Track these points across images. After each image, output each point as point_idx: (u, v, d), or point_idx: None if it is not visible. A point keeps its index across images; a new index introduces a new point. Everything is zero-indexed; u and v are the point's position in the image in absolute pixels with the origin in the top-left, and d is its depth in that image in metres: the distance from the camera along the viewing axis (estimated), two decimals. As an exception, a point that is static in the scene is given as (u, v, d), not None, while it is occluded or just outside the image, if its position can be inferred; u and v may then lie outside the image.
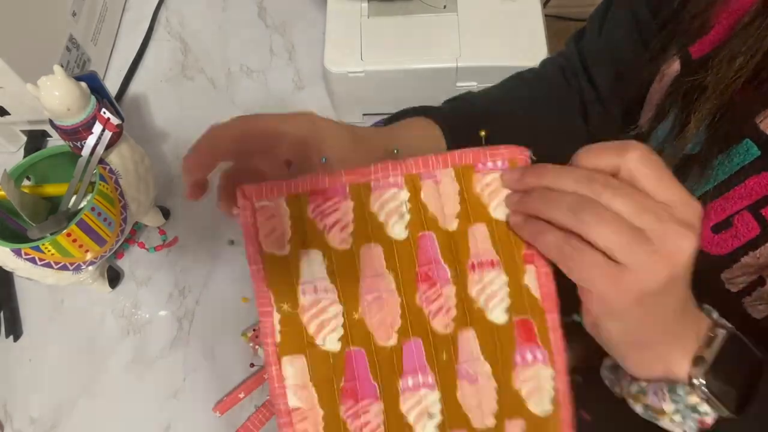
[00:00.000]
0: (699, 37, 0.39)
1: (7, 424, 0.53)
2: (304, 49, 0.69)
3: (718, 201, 0.38)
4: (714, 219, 0.38)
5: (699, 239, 0.28)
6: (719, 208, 0.38)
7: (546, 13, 0.59)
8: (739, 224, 0.37)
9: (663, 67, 0.41)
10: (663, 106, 0.41)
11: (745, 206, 0.36)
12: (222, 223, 0.60)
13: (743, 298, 0.38)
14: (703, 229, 0.38)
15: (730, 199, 0.37)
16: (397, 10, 0.59)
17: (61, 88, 0.43)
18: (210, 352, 0.54)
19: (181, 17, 0.73)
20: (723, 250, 0.38)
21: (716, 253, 0.39)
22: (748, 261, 0.37)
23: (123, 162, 0.49)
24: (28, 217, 0.46)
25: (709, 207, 0.38)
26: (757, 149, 0.35)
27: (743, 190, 0.36)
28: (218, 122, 0.37)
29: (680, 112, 0.39)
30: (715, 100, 0.37)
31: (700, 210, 0.29)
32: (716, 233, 0.38)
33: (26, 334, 0.57)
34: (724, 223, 0.38)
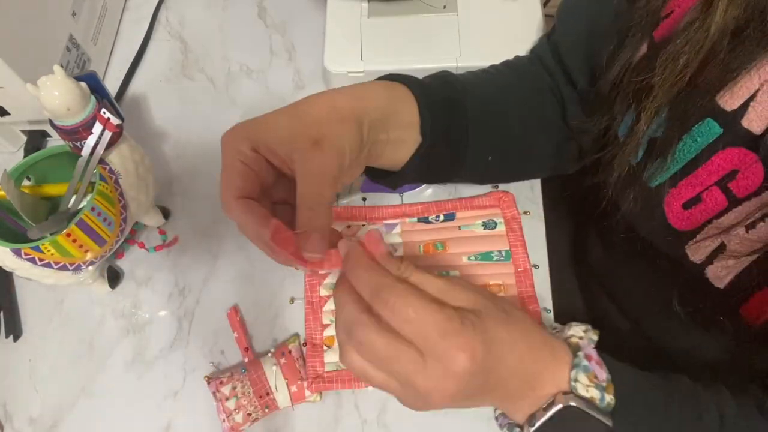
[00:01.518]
0: (661, 19, 0.39)
1: (7, 424, 0.53)
2: (304, 49, 0.69)
3: (687, 179, 0.39)
4: (685, 196, 0.39)
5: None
6: (689, 186, 0.39)
7: (546, 13, 0.59)
8: (708, 199, 0.38)
9: (635, 54, 0.41)
10: (623, 100, 0.42)
11: (714, 182, 0.37)
12: (222, 223, 0.60)
13: (705, 267, 0.39)
14: (674, 206, 0.39)
15: (699, 176, 0.38)
16: (397, 10, 0.59)
17: (61, 88, 0.42)
18: (210, 352, 0.54)
19: (181, 17, 0.73)
20: (692, 225, 0.39)
21: (684, 229, 0.40)
22: (709, 230, 0.38)
23: (123, 162, 0.49)
24: (28, 217, 0.46)
25: (680, 186, 0.39)
26: (718, 127, 0.36)
27: (711, 167, 0.37)
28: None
29: (634, 108, 0.40)
30: (662, 98, 0.37)
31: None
32: (686, 209, 0.39)
33: (26, 334, 0.57)
34: (695, 199, 0.39)
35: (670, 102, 0.38)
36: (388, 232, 0.56)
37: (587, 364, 0.37)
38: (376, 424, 0.51)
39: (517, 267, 0.53)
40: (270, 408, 0.49)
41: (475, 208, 0.56)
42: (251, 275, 0.57)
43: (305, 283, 0.54)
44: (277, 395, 0.49)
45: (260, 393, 0.49)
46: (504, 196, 0.56)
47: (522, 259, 0.53)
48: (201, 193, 0.62)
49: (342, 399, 0.52)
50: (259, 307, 0.56)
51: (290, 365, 0.50)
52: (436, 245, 0.55)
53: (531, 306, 0.51)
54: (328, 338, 0.52)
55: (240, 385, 0.49)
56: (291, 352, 0.51)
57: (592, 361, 0.37)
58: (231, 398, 0.49)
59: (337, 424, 0.51)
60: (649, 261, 0.45)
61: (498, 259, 0.54)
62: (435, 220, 0.56)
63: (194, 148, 0.64)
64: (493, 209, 0.56)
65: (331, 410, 0.51)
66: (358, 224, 0.56)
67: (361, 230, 0.56)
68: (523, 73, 0.52)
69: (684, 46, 0.35)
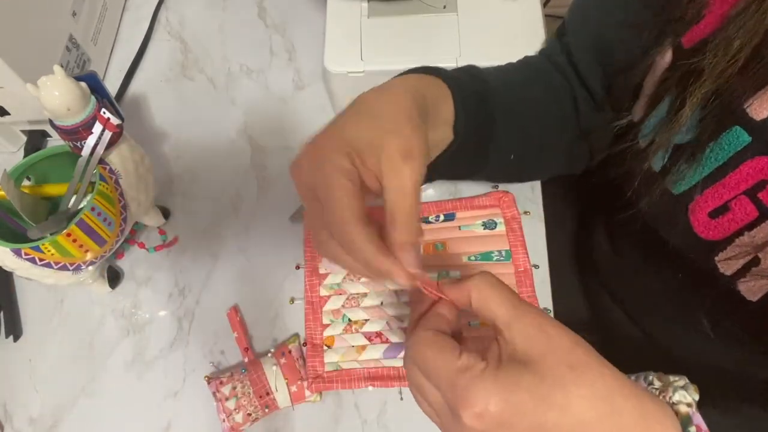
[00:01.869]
0: (691, 25, 0.39)
1: (7, 424, 0.53)
2: (304, 49, 0.69)
3: (714, 187, 0.38)
4: (711, 205, 0.38)
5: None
6: (716, 195, 0.38)
7: (546, 13, 0.59)
8: (737, 209, 0.37)
9: (658, 58, 0.41)
10: (657, 94, 0.41)
11: (742, 191, 0.36)
12: (222, 223, 0.60)
13: (738, 279, 0.38)
14: (700, 215, 0.38)
15: (726, 185, 0.37)
16: (397, 10, 0.59)
17: (61, 88, 0.42)
18: (210, 352, 0.54)
19: (181, 17, 0.73)
20: (720, 235, 0.38)
21: (711, 238, 0.39)
22: (744, 240, 0.37)
23: (123, 162, 0.49)
24: (28, 217, 0.46)
25: (705, 194, 0.38)
26: (747, 135, 0.36)
27: (739, 176, 0.36)
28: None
29: (675, 99, 0.39)
30: (710, 84, 0.36)
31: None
32: (713, 218, 0.38)
33: (26, 334, 0.57)
34: (722, 208, 0.38)
35: (710, 95, 0.37)
36: None
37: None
38: (376, 424, 0.51)
39: (517, 267, 0.53)
40: (270, 408, 0.49)
41: (475, 208, 0.56)
42: (251, 275, 0.57)
43: (305, 283, 0.54)
44: (277, 395, 0.49)
45: (260, 393, 0.49)
46: (504, 196, 0.56)
47: (522, 259, 0.53)
48: (201, 193, 0.62)
49: (342, 399, 0.52)
50: (259, 307, 0.56)
51: (290, 365, 0.50)
52: (435, 246, 0.55)
53: None
54: (328, 338, 0.52)
55: (240, 385, 0.49)
56: (291, 352, 0.51)
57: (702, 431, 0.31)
58: (231, 398, 0.49)
59: (337, 424, 0.51)
60: (669, 265, 0.44)
61: (498, 259, 0.54)
62: (435, 220, 0.56)
63: (194, 148, 0.64)
64: (493, 209, 0.56)
65: (331, 410, 0.51)
66: None
67: None
68: (539, 71, 0.52)
69: (737, 31, 0.34)
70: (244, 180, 0.62)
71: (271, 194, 0.61)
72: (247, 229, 0.60)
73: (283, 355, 0.51)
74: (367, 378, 0.50)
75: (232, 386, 0.50)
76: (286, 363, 0.50)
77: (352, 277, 0.54)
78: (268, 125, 0.65)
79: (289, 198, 0.61)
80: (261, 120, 0.65)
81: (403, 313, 0.53)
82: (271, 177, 0.62)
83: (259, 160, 0.63)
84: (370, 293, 0.53)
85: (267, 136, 0.64)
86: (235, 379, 0.50)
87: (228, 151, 0.64)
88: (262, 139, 0.64)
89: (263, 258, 0.58)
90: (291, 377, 0.50)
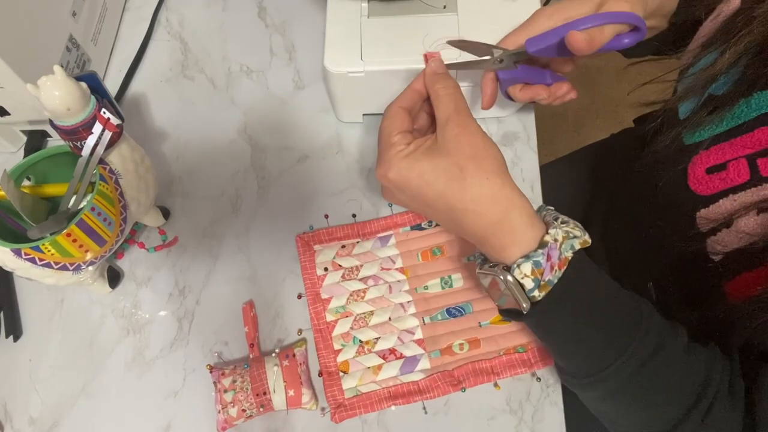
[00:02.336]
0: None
1: (7, 424, 0.53)
2: (304, 49, 0.69)
3: (721, 145, 0.38)
4: (713, 161, 0.39)
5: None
6: (721, 152, 0.38)
7: (546, 13, 0.59)
8: (732, 169, 0.38)
9: (723, 7, 0.41)
10: (713, 39, 0.41)
11: (745, 154, 0.37)
12: (222, 223, 0.60)
13: (707, 237, 0.39)
14: (698, 168, 0.39)
15: (734, 144, 0.38)
16: (397, 10, 0.59)
17: (61, 88, 0.42)
18: (210, 351, 0.54)
19: (181, 17, 0.73)
20: (708, 191, 0.39)
21: (701, 193, 0.40)
22: (725, 203, 0.38)
23: (123, 162, 0.49)
24: (28, 217, 0.46)
25: (711, 150, 0.39)
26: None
27: (750, 139, 0.37)
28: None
29: (722, 49, 0.39)
30: (759, 33, 0.36)
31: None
32: (709, 174, 0.39)
33: (26, 334, 0.57)
34: (720, 166, 0.38)
35: (754, 46, 0.37)
36: (383, 245, 0.56)
37: (541, 261, 0.38)
38: (376, 424, 0.51)
39: None
40: (265, 408, 0.49)
41: None
42: (251, 275, 0.57)
43: (310, 312, 0.54)
44: (274, 396, 0.49)
45: (258, 391, 0.49)
46: None
47: None
48: (201, 193, 0.62)
49: (342, 399, 0.52)
50: (259, 307, 0.56)
51: (292, 369, 0.50)
52: (433, 251, 0.55)
53: None
54: (342, 364, 0.52)
55: (240, 379, 0.50)
56: (295, 356, 0.51)
57: (549, 261, 0.38)
58: (230, 391, 0.49)
59: (337, 423, 0.51)
60: (651, 216, 0.45)
61: None
62: (428, 226, 0.56)
63: (194, 148, 0.64)
64: None
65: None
66: (351, 242, 0.56)
67: (356, 248, 0.56)
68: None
69: None
70: (244, 180, 0.62)
71: (271, 194, 0.61)
72: (247, 229, 0.60)
73: (287, 358, 0.51)
74: (388, 398, 0.50)
75: (232, 379, 0.50)
76: (289, 366, 0.50)
77: (355, 298, 0.54)
78: (268, 125, 0.65)
79: (289, 198, 0.61)
80: (261, 120, 0.65)
81: (413, 325, 0.53)
82: (271, 177, 0.62)
83: (259, 160, 0.63)
84: (377, 311, 0.53)
85: (267, 136, 0.64)
86: (236, 373, 0.50)
87: (228, 151, 0.64)
88: (262, 139, 0.64)
89: (263, 258, 0.58)
90: (290, 381, 0.50)
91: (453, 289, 0.54)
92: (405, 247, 0.56)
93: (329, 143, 0.63)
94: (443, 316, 0.53)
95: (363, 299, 0.54)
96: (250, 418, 0.50)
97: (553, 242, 0.38)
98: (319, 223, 0.58)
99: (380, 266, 0.55)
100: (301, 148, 0.63)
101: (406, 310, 0.53)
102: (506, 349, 0.51)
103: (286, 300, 0.56)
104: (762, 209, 0.36)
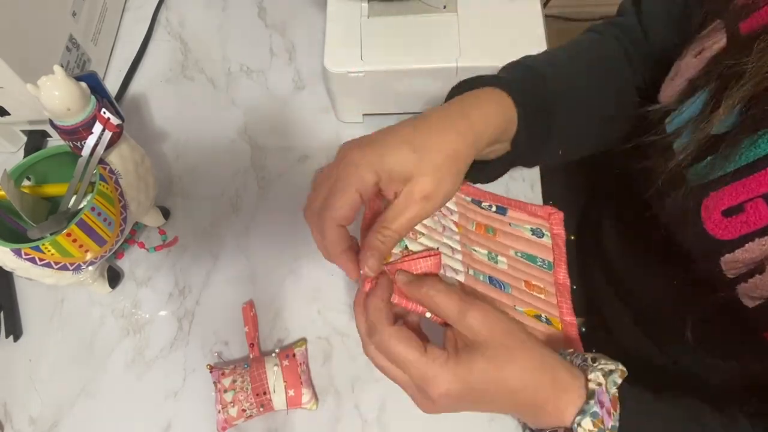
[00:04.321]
0: (750, 11, 0.37)
1: (7, 424, 0.53)
2: (304, 49, 0.69)
3: (734, 185, 0.37)
4: (727, 203, 0.37)
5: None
6: (734, 192, 0.37)
7: (546, 13, 0.59)
8: (751, 211, 0.36)
9: (706, 42, 0.40)
10: (696, 83, 0.40)
11: (761, 194, 0.36)
12: (222, 223, 0.60)
13: (738, 284, 0.38)
14: (714, 212, 0.38)
15: (747, 185, 0.36)
16: (397, 10, 0.59)
17: (61, 88, 0.42)
18: (210, 351, 0.54)
19: (181, 17, 0.73)
20: (730, 235, 0.38)
21: (722, 237, 0.38)
22: (752, 247, 0.36)
23: (123, 162, 0.49)
24: (28, 217, 0.46)
25: (722, 191, 0.38)
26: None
27: (763, 177, 0.36)
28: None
29: (712, 94, 0.38)
30: (750, 88, 0.35)
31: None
32: (726, 217, 0.38)
33: (26, 334, 0.57)
34: (737, 208, 0.37)
35: (753, 97, 0.36)
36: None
37: (597, 410, 0.37)
38: (376, 424, 0.51)
39: (557, 279, 0.52)
40: (265, 408, 0.49)
41: (526, 212, 0.55)
42: (251, 275, 0.57)
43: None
44: (274, 396, 0.49)
45: (258, 391, 0.49)
46: (554, 214, 0.55)
47: (563, 275, 0.52)
48: (201, 193, 0.62)
49: (342, 399, 0.52)
50: (259, 307, 0.56)
51: (292, 369, 0.50)
52: (488, 229, 0.53)
53: (569, 317, 0.50)
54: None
55: (240, 379, 0.50)
56: (295, 356, 0.51)
57: (603, 407, 0.37)
58: (230, 391, 0.49)
59: (338, 423, 0.51)
60: (672, 265, 0.43)
61: (541, 266, 0.53)
62: (488, 208, 0.55)
63: (194, 148, 0.64)
64: (542, 221, 0.55)
65: (331, 410, 0.51)
66: None
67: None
68: (600, 56, 0.51)
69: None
70: (244, 180, 0.62)
71: (271, 194, 0.61)
72: (247, 229, 0.60)
73: (287, 358, 0.51)
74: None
75: (232, 379, 0.50)
76: (289, 366, 0.50)
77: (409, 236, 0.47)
78: (268, 125, 0.65)
79: (289, 198, 0.61)
80: (261, 120, 0.65)
81: (458, 268, 0.48)
82: (271, 177, 0.62)
83: (259, 160, 0.63)
84: (427, 235, 0.48)
85: (267, 136, 0.64)
86: (236, 373, 0.50)
87: (228, 151, 0.64)
88: (262, 139, 0.64)
89: (263, 258, 0.58)
90: (290, 381, 0.50)
91: (497, 266, 0.52)
92: (463, 211, 0.53)
93: (329, 143, 0.63)
94: (485, 279, 0.51)
95: (416, 240, 0.48)
96: (250, 418, 0.50)
97: (598, 387, 0.38)
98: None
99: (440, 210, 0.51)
100: (301, 148, 0.63)
101: (453, 255, 0.49)
102: None
103: (286, 300, 0.56)
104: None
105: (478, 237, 0.53)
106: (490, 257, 0.52)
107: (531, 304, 0.51)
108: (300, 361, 0.51)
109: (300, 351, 0.52)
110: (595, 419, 0.37)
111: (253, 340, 0.53)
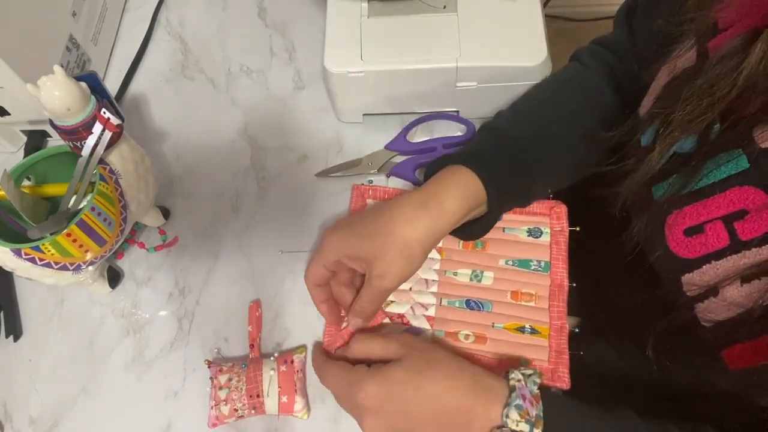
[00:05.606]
0: (716, 32, 0.37)
1: (7, 424, 0.53)
2: (304, 49, 0.69)
3: (695, 205, 0.37)
4: (688, 222, 0.38)
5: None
6: (695, 213, 0.37)
7: (546, 13, 0.59)
8: (710, 232, 0.36)
9: (675, 59, 0.40)
10: (651, 112, 0.41)
11: (720, 215, 0.36)
12: (222, 223, 0.60)
13: (696, 303, 0.38)
14: (676, 230, 0.38)
15: (708, 205, 0.37)
16: (397, 10, 0.59)
17: (61, 88, 0.42)
18: (210, 352, 0.54)
19: (181, 17, 0.73)
20: (690, 255, 0.38)
21: (683, 256, 0.38)
22: (708, 269, 0.37)
23: (123, 162, 0.49)
24: (28, 217, 0.46)
25: (685, 210, 0.38)
26: (747, 162, 0.35)
27: (722, 199, 0.36)
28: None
29: (657, 128, 0.39)
30: (679, 134, 0.37)
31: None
32: (688, 236, 0.38)
33: (26, 334, 0.57)
34: (697, 228, 0.37)
35: (676, 142, 0.37)
36: None
37: (520, 403, 0.40)
38: (376, 424, 0.51)
39: (553, 280, 0.52)
40: (257, 410, 0.49)
41: (524, 213, 0.55)
42: (251, 275, 0.57)
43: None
44: (267, 400, 0.49)
45: (252, 393, 0.49)
46: (556, 207, 0.54)
47: (560, 274, 0.52)
48: (201, 193, 0.62)
49: (342, 399, 0.52)
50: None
51: (288, 375, 0.50)
52: (476, 244, 0.54)
53: (560, 321, 0.50)
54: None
55: (236, 378, 0.49)
56: (294, 362, 0.51)
57: (526, 400, 0.40)
58: (224, 388, 0.49)
59: (337, 425, 0.51)
60: (644, 279, 0.44)
61: (536, 269, 0.52)
62: None
63: (194, 148, 0.64)
64: (542, 217, 0.54)
65: (331, 412, 0.51)
66: None
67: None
68: (575, 90, 0.54)
69: (711, 87, 0.34)
70: (244, 180, 0.62)
71: (271, 194, 0.61)
72: (247, 229, 0.60)
73: (285, 363, 0.50)
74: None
75: (228, 377, 0.50)
76: (286, 372, 0.50)
77: None
78: (268, 125, 0.65)
79: (289, 198, 0.61)
80: (261, 120, 0.65)
81: (429, 302, 0.52)
82: (271, 177, 0.62)
83: (259, 160, 0.63)
84: None
85: (267, 136, 0.64)
86: (233, 371, 0.50)
87: (228, 151, 0.64)
88: (262, 139, 0.64)
89: (263, 259, 0.58)
90: (285, 387, 0.49)
91: (480, 284, 0.53)
92: None
93: (329, 143, 0.63)
94: (461, 305, 0.52)
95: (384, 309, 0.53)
96: (241, 418, 0.50)
97: (518, 383, 0.42)
98: (319, 222, 0.58)
99: None
100: (301, 148, 0.63)
101: (428, 287, 0.53)
102: (509, 357, 0.51)
103: (286, 300, 0.56)
104: (745, 278, 0.34)
105: (462, 256, 0.54)
106: (474, 276, 0.53)
107: (514, 317, 0.51)
108: (297, 369, 0.51)
109: (299, 358, 0.51)
110: (520, 411, 0.40)
111: (254, 341, 0.53)
